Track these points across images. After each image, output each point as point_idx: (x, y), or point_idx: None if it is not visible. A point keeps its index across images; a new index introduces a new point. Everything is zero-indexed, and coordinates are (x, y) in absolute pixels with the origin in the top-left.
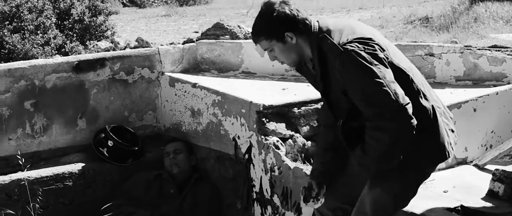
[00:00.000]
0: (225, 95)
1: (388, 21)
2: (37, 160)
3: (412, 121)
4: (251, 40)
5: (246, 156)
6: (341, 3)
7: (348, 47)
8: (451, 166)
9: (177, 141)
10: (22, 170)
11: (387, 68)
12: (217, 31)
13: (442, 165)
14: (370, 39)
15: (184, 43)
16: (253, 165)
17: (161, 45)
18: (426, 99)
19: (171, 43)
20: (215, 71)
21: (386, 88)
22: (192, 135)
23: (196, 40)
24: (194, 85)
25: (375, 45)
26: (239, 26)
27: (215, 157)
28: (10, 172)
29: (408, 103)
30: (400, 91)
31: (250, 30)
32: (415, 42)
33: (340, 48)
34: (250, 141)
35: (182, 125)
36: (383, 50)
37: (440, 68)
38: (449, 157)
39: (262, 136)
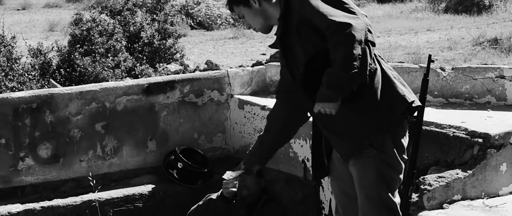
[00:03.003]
0: None
1: (456, 43)
2: (107, 182)
3: (364, 22)
4: None
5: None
6: (409, 25)
7: None
8: None
9: None
10: (93, 192)
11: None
12: None
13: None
14: None
15: (253, 65)
16: (322, 188)
17: (230, 67)
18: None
19: (240, 66)
20: None
21: (346, 5)
22: None
23: (265, 63)
24: (263, 108)
25: None
26: None
27: (284, 180)
28: (81, 194)
29: (361, 13)
30: (352, 4)
31: None
32: (486, 64)
33: None
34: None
35: (251, 147)
36: None
37: (511, 91)
38: (410, 102)
39: None
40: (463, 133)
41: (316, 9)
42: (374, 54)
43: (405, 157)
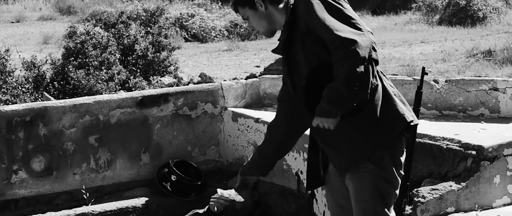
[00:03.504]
0: None
1: (450, 55)
2: (101, 194)
3: (370, 39)
4: None
5: (309, 191)
6: (403, 37)
7: None
8: None
9: None
10: (87, 205)
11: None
12: (280, 66)
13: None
14: None
15: (246, 78)
16: (316, 200)
17: (224, 80)
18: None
19: (234, 79)
20: None
21: (347, 13)
22: None
23: (259, 75)
24: (257, 120)
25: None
26: None
27: (277, 192)
28: (75, 206)
29: (367, 29)
30: (358, 19)
31: None
32: (479, 76)
33: None
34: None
35: (244, 159)
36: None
37: (505, 103)
38: (408, 120)
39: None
40: (457, 146)
41: (323, 21)
42: (377, 71)
43: (402, 172)
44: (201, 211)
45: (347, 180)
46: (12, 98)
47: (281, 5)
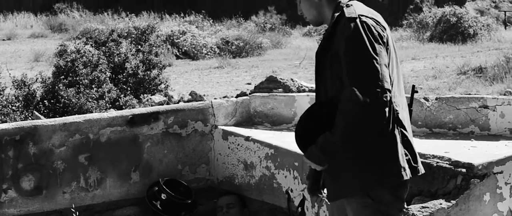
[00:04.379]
0: (278, 148)
1: (441, 72)
2: (91, 213)
3: (385, 103)
4: (304, 93)
5: (299, 209)
6: None
7: (364, 18)
8: None
9: (230, 195)
10: None
11: (386, 53)
12: (270, 85)
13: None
14: (382, 30)
15: (237, 96)
16: None
17: (215, 98)
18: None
19: (224, 97)
20: (268, 124)
21: (377, 65)
22: (245, 188)
23: (249, 94)
24: (247, 138)
25: (383, 34)
26: (292, 79)
27: (268, 210)
28: None
29: (389, 89)
30: (386, 75)
31: (303, 83)
32: (469, 94)
33: (357, 16)
34: (303, 194)
35: (235, 178)
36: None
37: (495, 120)
38: (404, 179)
39: None
40: (447, 163)
41: (350, 58)
42: (393, 114)
43: (405, 205)
44: None
45: (346, 204)
46: (2, 117)
47: (332, 4)
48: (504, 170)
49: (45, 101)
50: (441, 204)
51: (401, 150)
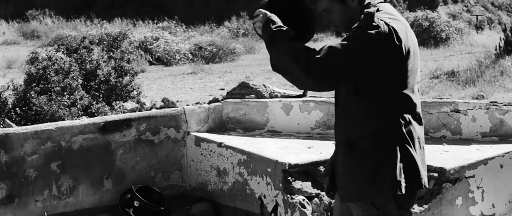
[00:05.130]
0: (250, 154)
1: None
2: None
3: (309, 86)
4: (276, 99)
5: (272, 215)
6: None
7: (380, 21)
8: None
9: (203, 202)
10: None
11: (378, 60)
12: (243, 90)
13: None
14: (398, 38)
15: (209, 102)
16: None
17: (187, 104)
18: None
19: (197, 103)
20: (240, 130)
21: (344, 60)
22: (218, 195)
23: (222, 100)
24: (219, 145)
25: (394, 39)
26: (264, 85)
27: None
28: None
29: (332, 82)
30: (348, 72)
31: (275, 88)
32: (441, 98)
33: (374, 17)
34: (276, 200)
35: (208, 184)
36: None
37: (466, 125)
38: (402, 193)
39: (288, 195)
40: None
41: (343, 42)
42: (409, 120)
43: (408, 214)
44: None
45: (352, 209)
46: None
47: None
48: (476, 174)
49: (16, 108)
50: (413, 209)
51: (400, 164)
